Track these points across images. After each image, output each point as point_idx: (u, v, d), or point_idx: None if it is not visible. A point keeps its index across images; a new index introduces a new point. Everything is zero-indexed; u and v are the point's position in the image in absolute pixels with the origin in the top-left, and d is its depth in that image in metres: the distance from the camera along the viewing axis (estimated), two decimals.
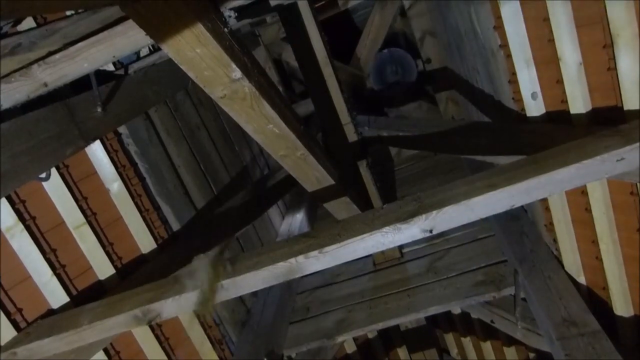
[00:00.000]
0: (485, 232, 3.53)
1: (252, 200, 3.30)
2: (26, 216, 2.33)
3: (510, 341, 4.18)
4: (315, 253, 1.82)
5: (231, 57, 1.61)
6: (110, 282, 2.60)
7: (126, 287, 2.32)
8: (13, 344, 2.19)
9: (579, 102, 2.12)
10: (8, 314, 2.25)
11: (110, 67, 2.81)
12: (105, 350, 2.53)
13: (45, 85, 1.89)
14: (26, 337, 2.19)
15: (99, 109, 2.50)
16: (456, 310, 4.51)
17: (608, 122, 2.01)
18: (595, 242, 2.48)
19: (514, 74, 2.39)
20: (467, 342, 4.83)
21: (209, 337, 3.08)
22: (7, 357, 2.15)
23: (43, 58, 1.90)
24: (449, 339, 5.14)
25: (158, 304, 1.98)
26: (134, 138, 2.86)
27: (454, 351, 5.18)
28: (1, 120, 2.09)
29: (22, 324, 2.30)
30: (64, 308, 2.41)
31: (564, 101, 2.19)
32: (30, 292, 2.33)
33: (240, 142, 4.22)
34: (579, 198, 2.43)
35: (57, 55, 1.85)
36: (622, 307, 2.59)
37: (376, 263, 3.74)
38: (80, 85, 2.48)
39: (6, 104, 1.95)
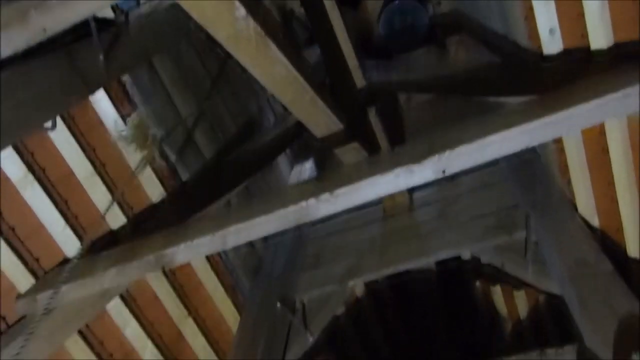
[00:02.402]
0: (496, 177, 3.48)
1: (260, 149, 3.27)
2: (35, 167, 2.33)
3: (520, 285, 4.21)
4: (326, 196, 1.80)
5: None
6: (122, 231, 2.62)
7: (138, 236, 2.33)
8: (33, 291, 2.23)
9: (600, 37, 2.03)
10: (26, 263, 2.28)
11: (111, 15, 2.73)
12: (122, 297, 2.58)
13: (44, 31, 1.83)
14: (45, 284, 2.23)
15: (101, 57, 2.44)
16: (466, 255, 4.54)
17: (631, 57, 1.92)
18: (611, 183, 2.44)
19: (530, 9, 2.28)
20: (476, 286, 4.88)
21: (222, 284, 3.13)
22: (28, 303, 2.20)
23: (40, 3, 1.84)
24: None
25: (170, 249, 2.00)
26: (138, 87, 2.81)
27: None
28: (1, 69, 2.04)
29: (40, 273, 2.33)
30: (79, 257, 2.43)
31: (584, 36, 2.09)
32: (45, 242, 2.36)
33: (247, 91, 4.15)
34: (596, 139, 2.37)
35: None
36: (636, 248, 2.58)
37: (386, 210, 3.73)
38: (81, 34, 2.42)
39: (6, 52, 1.90)
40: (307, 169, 4.44)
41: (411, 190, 3.68)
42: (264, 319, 3.01)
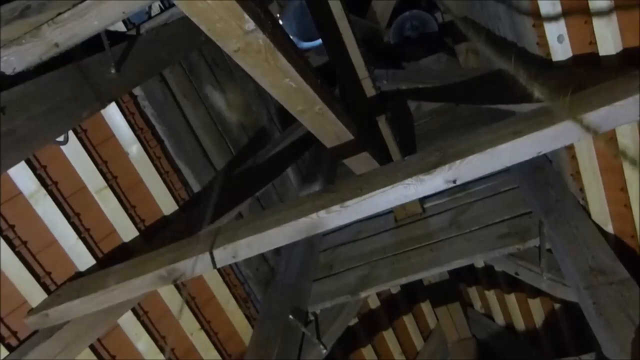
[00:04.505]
0: (508, 184, 3.45)
1: (270, 159, 3.28)
2: (48, 181, 2.35)
3: (535, 293, 4.16)
4: (337, 207, 1.79)
5: (244, 7, 1.55)
6: (134, 244, 2.64)
7: (150, 249, 2.34)
8: (44, 305, 2.24)
9: (608, 43, 2.01)
10: (37, 278, 2.30)
11: (122, 28, 2.76)
12: (134, 310, 2.59)
13: (57, 45, 1.86)
14: (56, 299, 2.24)
15: (113, 70, 2.47)
16: (480, 263, 4.50)
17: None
18: (624, 189, 2.41)
19: (539, 16, 2.27)
20: (491, 295, 4.83)
21: (234, 296, 3.13)
22: (39, 318, 2.21)
23: (52, 19, 1.87)
24: (473, 292, 5.15)
25: (182, 263, 2.00)
26: (150, 100, 2.84)
27: (477, 304, 5.20)
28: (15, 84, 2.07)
29: (52, 287, 2.35)
30: (90, 270, 2.45)
31: (593, 43, 2.08)
32: (57, 256, 2.38)
33: (257, 102, 4.16)
34: (607, 145, 2.35)
35: (66, 14, 1.81)
36: None
37: (398, 219, 3.71)
38: (93, 47, 2.45)
39: (19, 67, 1.93)
40: (317, 178, 4.44)
41: (423, 199, 3.66)
42: (277, 331, 3.00)
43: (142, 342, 2.63)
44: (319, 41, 4.69)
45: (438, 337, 5.14)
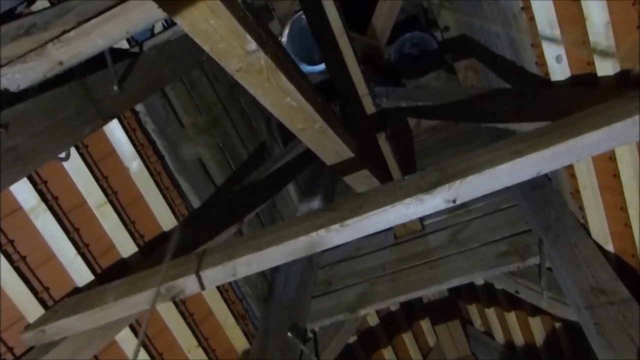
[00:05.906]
0: (508, 202, 3.46)
1: (270, 175, 3.28)
2: (48, 196, 2.36)
3: (535, 311, 4.14)
4: (336, 226, 1.80)
5: (246, 28, 1.57)
6: (133, 259, 2.63)
7: (149, 265, 2.33)
8: (41, 321, 2.23)
9: (606, 64, 2.03)
10: (35, 293, 2.29)
11: (125, 45, 2.79)
12: (131, 327, 2.57)
13: (61, 63, 1.88)
14: (54, 314, 2.23)
15: (115, 87, 2.49)
16: (479, 281, 4.48)
17: (638, 84, 1.92)
18: (624, 208, 2.41)
19: (537, 37, 2.30)
20: (490, 312, 4.81)
21: (232, 312, 3.11)
22: (36, 334, 2.19)
23: (57, 37, 1.89)
24: (472, 310, 5.12)
25: (181, 280, 1.99)
26: (151, 116, 2.85)
27: (477, 322, 5.17)
28: (19, 101, 2.09)
29: (50, 302, 2.34)
30: (89, 286, 2.44)
31: (591, 63, 2.10)
32: (56, 271, 2.37)
33: (257, 118, 4.19)
34: (606, 164, 2.36)
35: (71, 33, 1.83)
36: None
37: (397, 236, 3.71)
38: (96, 64, 2.47)
39: (24, 84, 1.95)
40: (317, 194, 4.45)
41: (422, 216, 3.66)
42: (275, 348, 2.98)
43: (139, 358, 2.61)
44: (322, 66, 4.68)
45: (437, 355, 5.10)
